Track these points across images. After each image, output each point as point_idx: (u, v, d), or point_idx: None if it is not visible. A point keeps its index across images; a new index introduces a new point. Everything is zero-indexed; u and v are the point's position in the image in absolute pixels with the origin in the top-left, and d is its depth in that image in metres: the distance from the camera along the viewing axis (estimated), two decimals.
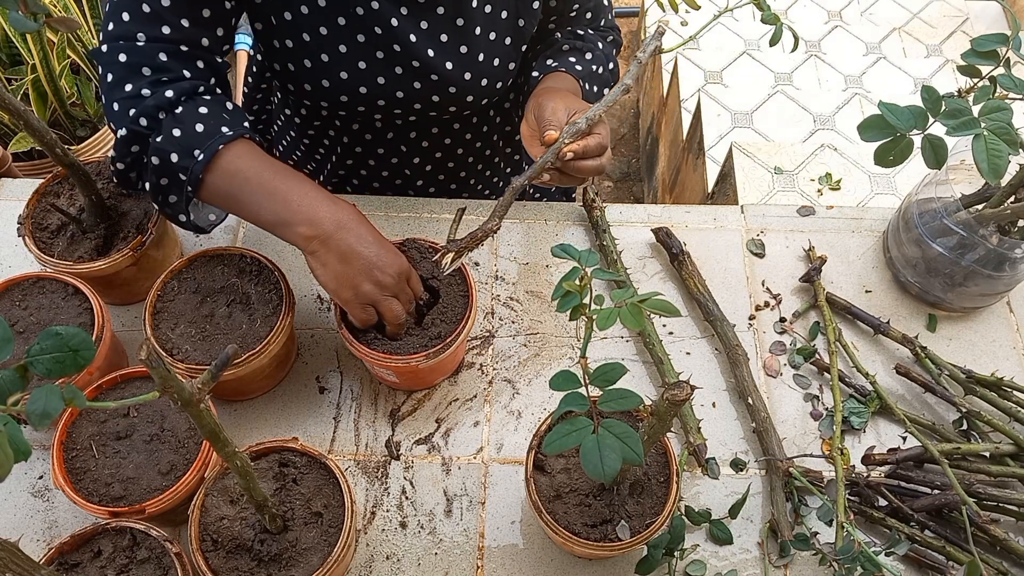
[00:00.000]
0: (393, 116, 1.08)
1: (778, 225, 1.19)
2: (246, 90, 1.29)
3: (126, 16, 0.87)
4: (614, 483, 0.83)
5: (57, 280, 0.95)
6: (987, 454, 0.95)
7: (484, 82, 1.05)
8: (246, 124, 0.90)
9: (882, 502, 0.95)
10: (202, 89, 0.90)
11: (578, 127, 0.89)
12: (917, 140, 0.79)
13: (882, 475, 0.96)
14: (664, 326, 1.09)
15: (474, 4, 0.98)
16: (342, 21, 0.95)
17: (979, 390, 1.01)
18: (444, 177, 1.24)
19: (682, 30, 2.37)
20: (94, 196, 0.97)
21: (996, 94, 0.86)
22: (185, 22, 0.88)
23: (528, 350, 1.07)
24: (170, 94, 0.86)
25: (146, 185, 0.89)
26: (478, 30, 1.01)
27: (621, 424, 0.65)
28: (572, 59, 1.08)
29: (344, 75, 1.00)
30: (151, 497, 0.83)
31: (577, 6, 1.11)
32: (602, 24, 1.17)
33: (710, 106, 2.10)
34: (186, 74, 0.89)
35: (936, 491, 0.93)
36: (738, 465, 0.99)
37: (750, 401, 1.01)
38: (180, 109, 0.87)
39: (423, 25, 0.98)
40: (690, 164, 2.11)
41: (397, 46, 0.98)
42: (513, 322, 1.09)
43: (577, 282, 0.66)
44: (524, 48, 1.08)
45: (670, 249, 1.12)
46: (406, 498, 0.96)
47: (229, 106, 0.91)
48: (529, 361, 1.06)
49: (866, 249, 1.17)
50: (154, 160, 0.86)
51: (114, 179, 0.92)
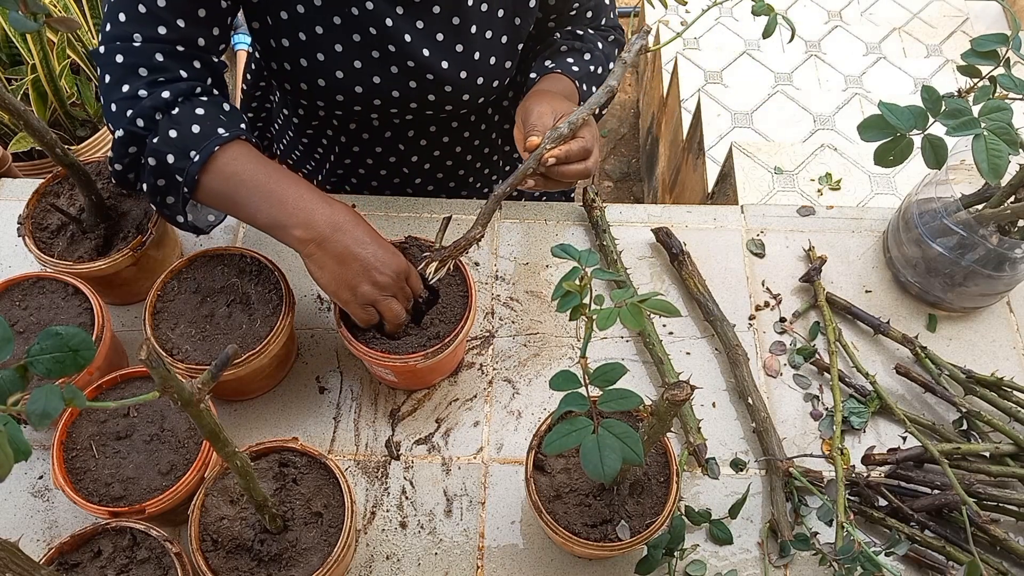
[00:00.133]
0: (390, 115, 1.07)
1: (778, 225, 1.19)
2: (245, 88, 1.29)
3: (123, 17, 0.87)
4: (614, 483, 0.83)
5: (57, 280, 0.95)
6: (987, 454, 0.95)
7: (480, 81, 1.05)
8: (243, 125, 0.90)
9: (882, 502, 0.95)
10: (199, 90, 0.90)
11: (560, 132, 0.88)
12: (917, 140, 0.79)
13: (882, 475, 0.96)
14: (664, 326, 1.09)
15: (470, 3, 0.98)
16: (337, 20, 0.95)
17: (979, 390, 1.01)
18: (443, 175, 1.23)
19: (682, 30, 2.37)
20: (94, 196, 0.97)
21: (996, 94, 0.86)
22: (181, 22, 0.88)
23: (528, 350, 1.07)
24: (167, 95, 0.86)
25: (144, 186, 0.89)
26: (474, 29, 1.00)
27: (621, 424, 0.65)
28: (570, 60, 1.07)
29: (340, 74, 0.99)
30: (151, 497, 0.83)
31: (577, 5, 1.11)
32: (603, 23, 1.16)
33: (710, 106, 2.10)
34: (183, 74, 0.89)
35: (936, 491, 0.93)
36: (738, 465, 0.99)
37: (750, 401, 1.01)
38: (177, 110, 0.87)
39: (419, 24, 0.97)
40: (690, 164, 2.11)
41: (392, 46, 0.97)
42: (513, 322, 1.09)
43: (577, 282, 0.66)
44: (521, 47, 1.08)
45: (670, 249, 1.12)
46: (406, 498, 0.96)
47: (226, 107, 0.90)
48: (529, 361, 1.06)
49: (866, 249, 1.17)
50: (151, 161, 0.86)
51: (113, 179, 0.92)
